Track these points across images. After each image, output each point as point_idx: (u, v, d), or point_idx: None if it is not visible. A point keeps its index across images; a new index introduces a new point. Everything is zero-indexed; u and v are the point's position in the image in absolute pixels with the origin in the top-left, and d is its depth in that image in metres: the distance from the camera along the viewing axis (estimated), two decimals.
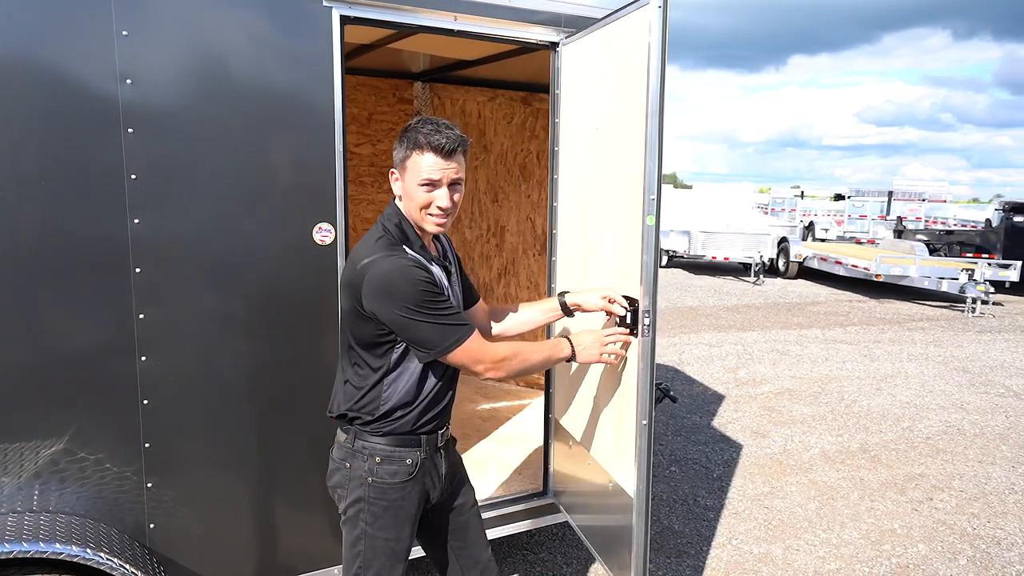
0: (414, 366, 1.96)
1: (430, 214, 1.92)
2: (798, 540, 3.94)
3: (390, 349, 1.94)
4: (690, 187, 22.77)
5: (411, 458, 1.99)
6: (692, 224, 15.75)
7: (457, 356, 1.91)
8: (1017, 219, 14.35)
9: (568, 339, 2.18)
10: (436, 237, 2.14)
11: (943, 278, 12.33)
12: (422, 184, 1.89)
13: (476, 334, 1.93)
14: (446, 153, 1.87)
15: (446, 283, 2.03)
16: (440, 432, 2.07)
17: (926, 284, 12.51)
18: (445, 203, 1.90)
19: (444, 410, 2.08)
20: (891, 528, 4.10)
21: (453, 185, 1.92)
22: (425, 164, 1.88)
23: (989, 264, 12.63)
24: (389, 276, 1.83)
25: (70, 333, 2.18)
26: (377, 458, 1.97)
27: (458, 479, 2.23)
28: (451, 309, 1.91)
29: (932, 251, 15.12)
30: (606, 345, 2.25)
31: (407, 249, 1.92)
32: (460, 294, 2.18)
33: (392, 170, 1.99)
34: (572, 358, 2.18)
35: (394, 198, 2.03)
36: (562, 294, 2.43)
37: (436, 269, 1.98)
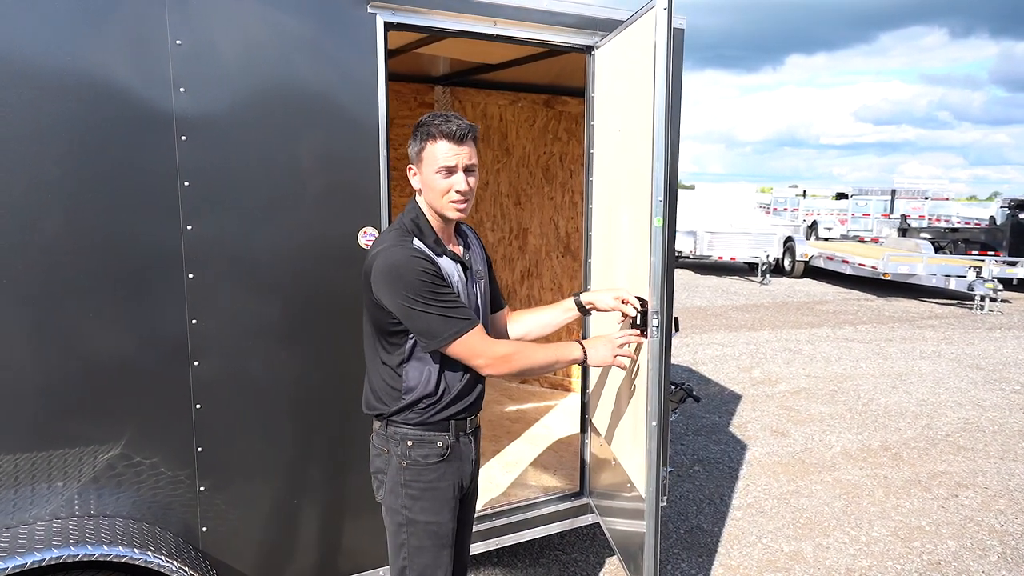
0: (431, 356, 2.01)
1: (451, 200, 1.98)
2: (827, 538, 3.96)
3: (404, 338, 1.99)
4: (691, 187, 22.81)
5: (441, 441, 2.05)
6: (697, 224, 15.77)
7: (456, 348, 1.95)
8: (1023, 216, 14.39)
9: (580, 342, 2.20)
10: (460, 233, 2.17)
11: (950, 276, 12.36)
12: (439, 172, 1.96)
13: (478, 329, 1.97)
14: (458, 139, 1.95)
15: (459, 277, 2.05)
16: (468, 419, 2.12)
17: (933, 282, 12.54)
18: (463, 186, 1.97)
19: (474, 401, 2.13)
20: (919, 525, 4.12)
21: (468, 170, 1.99)
22: (440, 152, 1.95)
23: (996, 261, 12.66)
24: (392, 264, 1.91)
25: (126, 339, 2.20)
26: (408, 442, 2.03)
27: (477, 483, 2.26)
28: (453, 301, 1.95)
29: (937, 249, 15.16)
30: (620, 347, 2.24)
31: (416, 240, 1.98)
32: (482, 293, 2.19)
33: (409, 166, 2.05)
34: (584, 361, 2.18)
35: (414, 194, 2.09)
36: (577, 293, 2.46)
37: (446, 262, 2.02)
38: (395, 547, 2.07)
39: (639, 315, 2.32)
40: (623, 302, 2.34)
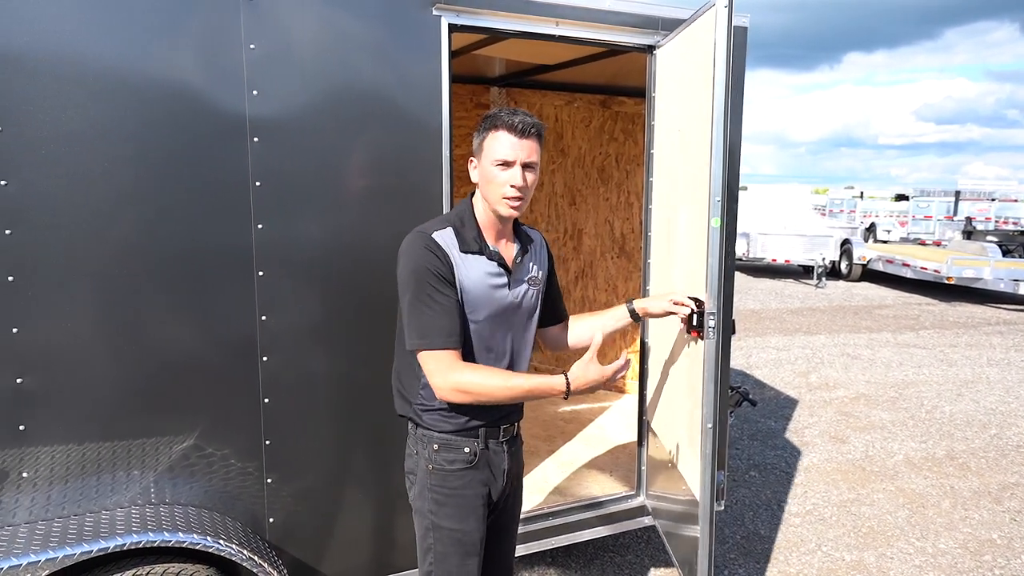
0: None
1: (505, 196, 1.90)
2: (891, 548, 3.84)
3: None
4: (744, 188, 22.40)
5: (469, 447, 1.97)
6: (750, 226, 15.48)
7: (421, 359, 1.89)
8: None
9: (566, 374, 1.91)
10: (519, 236, 2.08)
11: (1020, 280, 11.86)
12: (496, 164, 1.89)
13: (448, 353, 1.85)
14: (520, 132, 1.88)
15: (486, 279, 1.94)
16: (502, 427, 2.03)
17: (1001, 287, 12.06)
18: (519, 181, 1.88)
19: (511, 411, 2.04)
20: (990, 538, 3.97)
21: (527, 166, 1.91)
22: (500, 144, 1.88)
23: None
24: (402, 248, 1.92)
25: (200, 335, 2.28)
26: (435, 445, 1.97)
27: (517, 490, 2.18)
28: (439, 309, 1.85)
29: (1005, 252, 14.51)
30: (610, 375, 1.94)
31: (448, 230, 1.93)
32: (527, 298, 2.05)
33: (471, 158, 1.98)
34: (567, 393, 1.91)
35: (471, 193, 2.02)
36: (631, 300, 2.38)
37: (474, 261, 1.92)
38: (422, 551, 2.03)
39: (696, 315, 2.29)
40: (676, 304, 2.29)
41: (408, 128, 2.50)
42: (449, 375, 1.85)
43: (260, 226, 2.31)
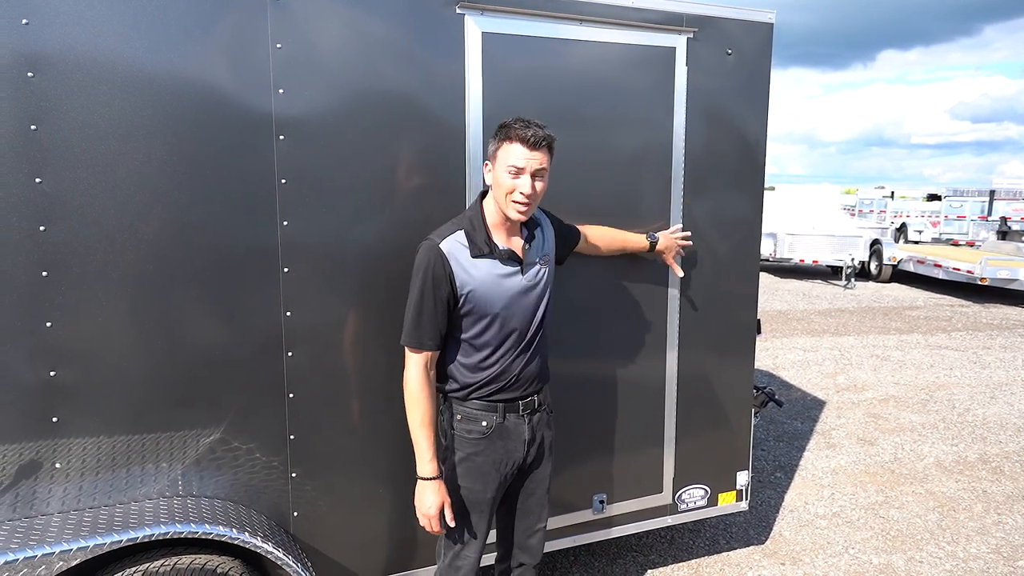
0: (456, 344, 2.21)
1: (514, 200, 2.10)
2: (920, 552, 3.78)
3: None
4: (771, 189, 22.10)
5: (486, 420, 2.23)
6: (778, 226, 15.28)
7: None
8: None
9: (440, 479, 2.18)
10: (525, 224, 2.25)
11: None
12: (508, 170, 2.09)
13: (413, 354, 2.16)
14: (531, 145, 2.08)
15: (493, 277, 2.14)
16: (522, 402, 2.26)
17: None
18: (527, 190, 2.09)
19: (524, 385, 2.26)
20: None
21: (536, 175, 2.11)
22: (513, 153, 2.08)
23: None
24: (418, 254, 2.16)
25: (226, 330, 2.31)
26: (457, 416, 2.25)
27: (541, 456, 2.37)
28: (423, 314, 2.12)
29: None
30: (432, 516, 2.16)
31: (459, 234, 2.14)
32: (541, 279, 2.26)
33: (486, 162, 2.19)
34: (417, 474, 2.18)
35: (480, 195, 2.25)
36: (651, 233, 2.86)
37: (483, 265, 2.13)
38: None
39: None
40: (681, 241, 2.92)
41: (431, 127, 2.51)
42: (408, 376, 2.17)
43: (285, 223, 2.34)
